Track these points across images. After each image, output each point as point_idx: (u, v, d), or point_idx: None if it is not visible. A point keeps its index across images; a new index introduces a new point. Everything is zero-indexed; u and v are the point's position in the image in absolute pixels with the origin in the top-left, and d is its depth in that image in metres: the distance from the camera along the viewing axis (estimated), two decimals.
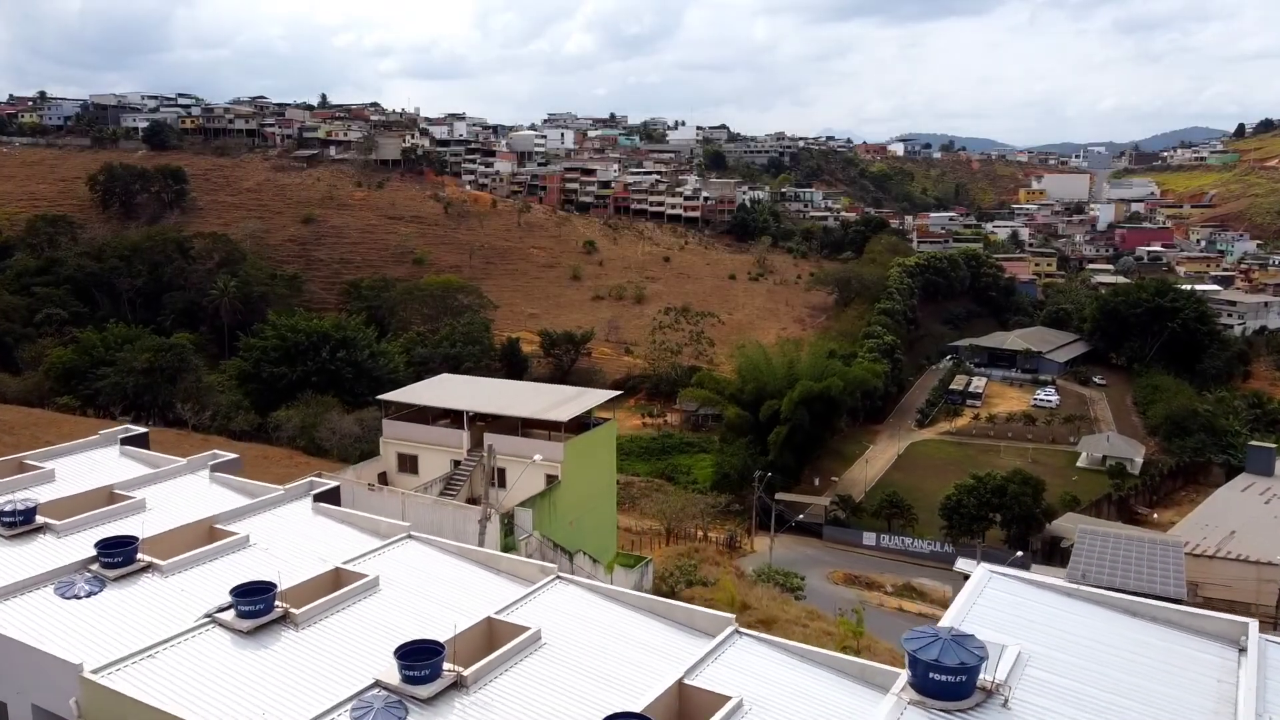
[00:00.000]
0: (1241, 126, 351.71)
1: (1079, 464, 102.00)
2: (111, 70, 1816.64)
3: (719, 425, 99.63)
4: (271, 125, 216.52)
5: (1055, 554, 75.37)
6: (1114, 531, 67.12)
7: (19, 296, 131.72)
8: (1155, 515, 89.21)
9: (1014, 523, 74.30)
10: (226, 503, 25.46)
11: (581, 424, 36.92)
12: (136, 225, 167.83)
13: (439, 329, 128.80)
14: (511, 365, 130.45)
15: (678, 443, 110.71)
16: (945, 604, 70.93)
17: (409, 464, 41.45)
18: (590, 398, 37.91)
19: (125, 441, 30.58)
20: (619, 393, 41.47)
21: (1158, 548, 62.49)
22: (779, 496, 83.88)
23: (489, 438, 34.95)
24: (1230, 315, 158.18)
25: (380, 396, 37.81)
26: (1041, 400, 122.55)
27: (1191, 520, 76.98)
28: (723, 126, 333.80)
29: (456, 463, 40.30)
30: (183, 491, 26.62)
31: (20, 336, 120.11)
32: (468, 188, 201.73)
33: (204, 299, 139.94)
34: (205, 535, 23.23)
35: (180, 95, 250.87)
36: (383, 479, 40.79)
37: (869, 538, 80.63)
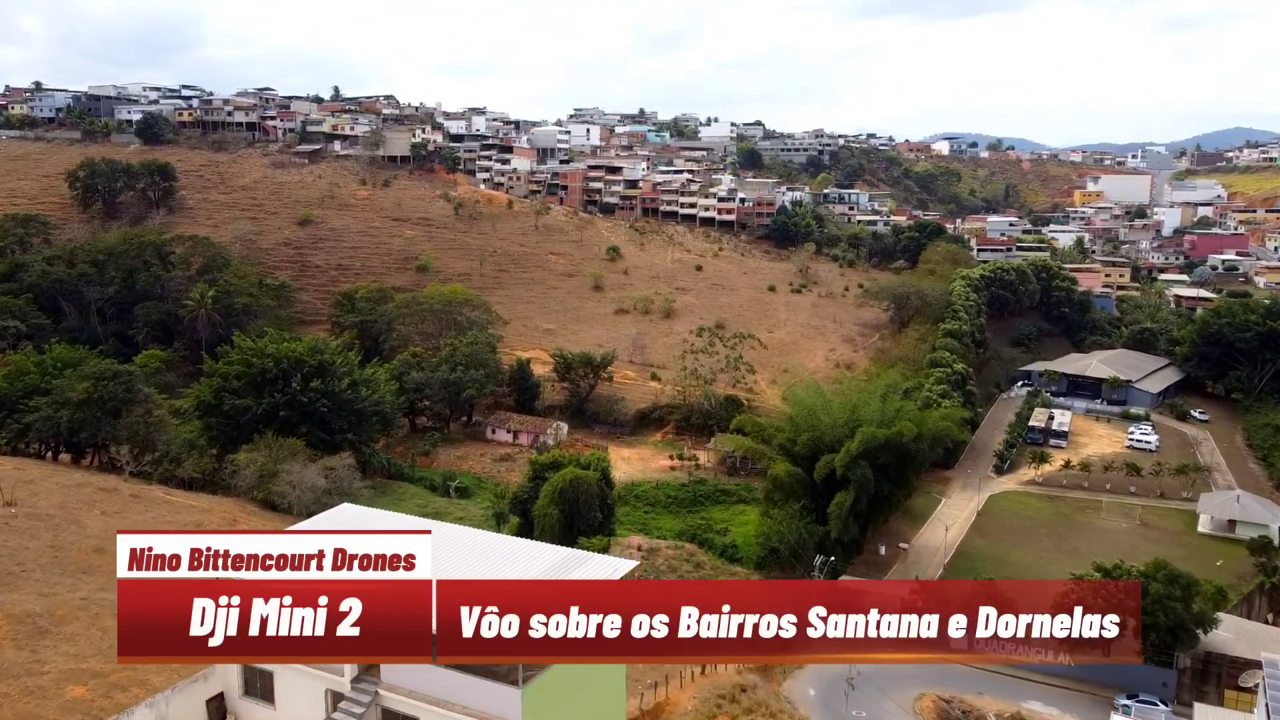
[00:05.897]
0: None
1: (1199, 528, 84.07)
2: (145, 67, 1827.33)
3: (763, 478, 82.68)
4: (273, 118, 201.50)
5: (1210, 675, 58.00)
6: None
7: None
8: None
9: (1155, 630, 56.77)
10: None
11: None
12: (119, 226, 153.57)
13: (440, 348, 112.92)
14: (521, 391, 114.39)
15: (711, 490, 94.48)
16: None
17: (260, 687, 23.90)
18: (585, 574, 21.39)
19: None
20: (634, 564, 24.36)
21: None
22: (842, 580, 66.98)
23: (387, 670, 18.78)
24: None
25: None
26: (1138, 440, 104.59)
27: None
28: (758, 123, 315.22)
29: (338, 698, 23.30)
30: None
31: None
32: (482, 186, 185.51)
33: (180, 310, 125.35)
34: None
35: (184, 87, 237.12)
36: (218, 710, 24.09)
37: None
